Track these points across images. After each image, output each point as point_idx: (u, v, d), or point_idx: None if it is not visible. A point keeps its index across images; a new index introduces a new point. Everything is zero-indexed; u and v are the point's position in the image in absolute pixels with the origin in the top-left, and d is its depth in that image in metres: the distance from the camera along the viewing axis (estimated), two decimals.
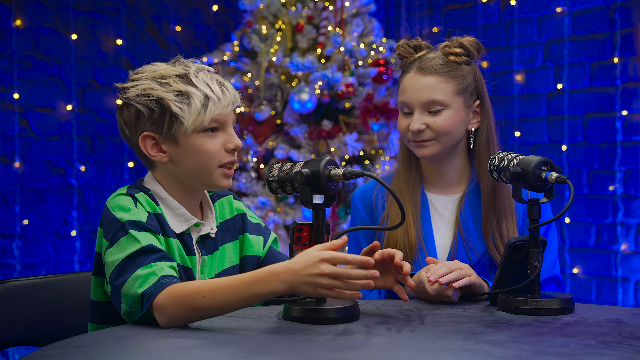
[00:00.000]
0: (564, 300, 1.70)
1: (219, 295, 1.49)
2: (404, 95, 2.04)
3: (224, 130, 1.73)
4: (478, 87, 2.06)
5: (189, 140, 1.69)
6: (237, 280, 1.50)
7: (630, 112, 4.22)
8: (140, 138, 1.70)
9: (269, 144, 4.04)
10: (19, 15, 4.21)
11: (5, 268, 4.17)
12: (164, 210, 1.72)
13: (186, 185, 1.75)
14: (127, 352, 1.35)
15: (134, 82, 1.72)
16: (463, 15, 4.87)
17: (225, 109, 1.71)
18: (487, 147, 2.06)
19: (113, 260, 1.60)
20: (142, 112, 1.69)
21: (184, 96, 1.68)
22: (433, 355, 1.31)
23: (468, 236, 2.02)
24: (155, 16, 4.77)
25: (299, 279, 1.46)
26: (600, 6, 4.33)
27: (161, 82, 1.70)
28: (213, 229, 1.79)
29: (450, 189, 2.10)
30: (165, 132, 1.69)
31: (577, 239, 4.41)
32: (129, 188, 1.72)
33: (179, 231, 1.72)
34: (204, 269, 1.76)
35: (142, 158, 1.76)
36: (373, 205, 2.12)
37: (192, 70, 1.72)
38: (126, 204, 1.66)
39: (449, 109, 2.01)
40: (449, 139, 2.02)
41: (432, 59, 2.03)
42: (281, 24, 4.14)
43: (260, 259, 1.87)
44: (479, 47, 2.06)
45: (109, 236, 1.63)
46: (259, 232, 1.88)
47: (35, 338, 1.92)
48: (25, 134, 4.23)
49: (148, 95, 1.69)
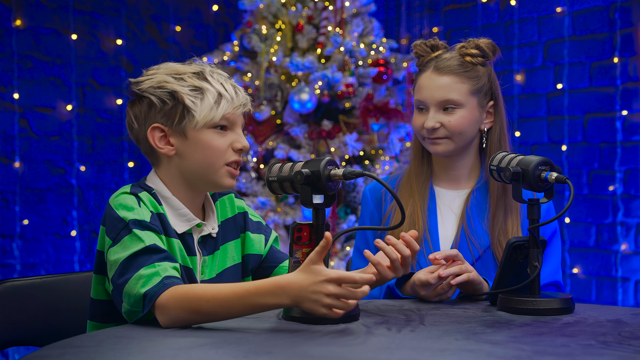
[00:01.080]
0: (564, 300, 1.70)
1: (222, 301, 1.49)
2: (420, 93, 2.08)
3: (233, 130, 1.74)
4: (492, 88, 2.12)
5: (198, 134, 1.70)
6: (242, 288, 1.50)
7: (630, 112, 4.22)
8: (149, 129, 1.71)
9: (269, 144, 4.04)
10: (19, 15, 4.22)
11: (5, 268, 4.17)
12: (167, 210, 1.72)
13: (190, 183, 1.75)
14: (127, 352, 1.35)
15: (149, 76, 1.74)
16: (463, 15, 4.87)
17: (236, 109, 1.73)
18: (498, 146, 2.11)
19: (116, 258, 1.60)
20: (154, 103, 1.71)
21: (198, 91, 1.70)
22: (433, 355, 1.31)
23: (472, 231, 2.05)
24: (155, 16, 4.77)
25: (305, 295, 1.45)
26: (600, 6, 4.33)
27: (176, 77, 1.72)
28: (214, 229, 1.79)
29: (459, 185, 2.14)
30: (175, 124, 1.70)
31: (577, 239, 4.41)
32: (132, 187, 1.72)
33: (181, 231, 1.72)
34: (205, 269, 1.76)
35: (147, 153, 1.77)
36: (382, 200, 2.16)
37: (208, 70, 1.75)
38: (130, 203, 1.66)
39: (463, 108, 2.06)
40: (462, 137, 2.06)
41: (449, 59, 2.07)
42: (281, 24, 4.14)
43: (262, 257, 1.87)
44: (494, 48, 2.12)
45: (112, 235, 1.63)
46: (260, 231, 1.89)
47: (35, 338, 1.92)
48: (25, 134, 4.23)
49: (162, 88, 1.71)
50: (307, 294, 1.45)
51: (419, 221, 2.07)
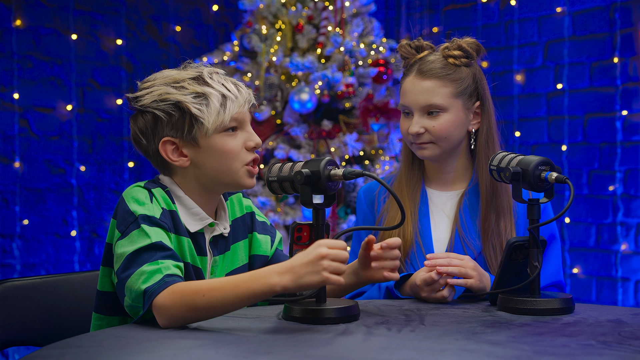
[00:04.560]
0: (564, 300, 1.70)
1: (218, 293, 1.49)
2: (404, 98, 2.06)
3: (243, 129, 1.73)
4: (478, 89, 2.08)
5: (210, 141, 1.69)
6: (236, 277, 1.51)
7: (630, 112, 4.22)
8: (161, 144, 1.69)
9: (269, 144, 4.04)
10: (19, 15, 4.21)
11: (5, 268, 4.17)
12: (179, 209, 1.71)
13: (207, 188, 1.74)
14: (127, 352, 1.35)
15: (148, 90, 1.70)
16: (463, 15, 4.87)
17: (242, 107, 1.71)
18: (486, 147, 2.07)
19: (122, 252, 1.60)
20: (159, 117, 1.68)
21: (202, 97, 1.67)
22: (433, 355, 1.31)
23: (466, 233, 2.04)
24: (155, 16, 4.77)
25: (299, 269, 1.46)
26: (600, 6, 4.33)
27: (176, 86, 1.69)
28: (226, 228, 1.79)
29: (451, 186, 2.12)
30: (185, 135, 1.68)
31: (577, 239, 4.41)
32: (148, 182, 1.71)
33: (193, 230, 1.71)
34: (215, 269, 1.76)
35: (159, 166, 1.75)
36: (375, 201, 2.15)
37: (206, 72, 1.72)
38: (142, 197, 1.65)
39: (448, 112, 2.03)
40: (448, 141, 2.04)
41: (432, 62, 2.04)
42: (281, 24, 4.14)
43: (268, 258, 1.87)
44: (478, 48, 2.07)
45: (121, 227, 1.63)
46: (266, 232, 1.88)
47: (35, 338, 1.92)
48: (25, 134, 4.23)
49: (165, 100, 1.68)
50: (301, 266, 1.46)
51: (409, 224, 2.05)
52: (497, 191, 2.04)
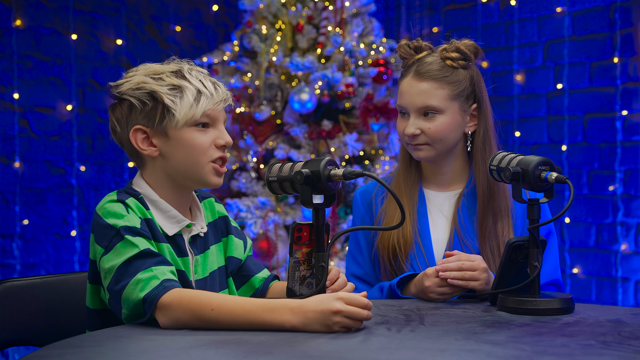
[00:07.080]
0: (564, 300, 1.70)
1: (227, 312, 1.49)
2: (401, 99, 2.07)
3: (215, 127, 1.73)
4: (475, 91, 2.07)
5: (180, 133, 1.69)
6: (248, 302, 1.50)
7: (630, 112, 4.22)
8: (131, 132, 1.71)
9: (269, 144, 4.04)
10: (19, 15, 4.21)
11: (5, 268, 4.17)
12: (155, 214, 1.70)
13: (176, 183, 1.73)
14: (127, 352, 1.35)
15: (128, 78, 1.73)
16: (463, 15, 4.87)
17: (217, 105, 1.72)
18: (483, 149, 2.07)
19: (111, 266, 1.59)
20: (134, 105, 1.70)
21: (177, 90, 1.69)
22: (433, 355, 1.31)
23: (464, 233, 2.04)
24: (155, 16, 4.77)
25: (311, 315, 1.45)
26: (600, 6, 4.33)
27: (155, 77, 1.71)
28: (204, 227, 1.79)
29: (448, 187, 2.12)
30: (156, 125, 1.69)
31: (577, 239, 4.41)
32: (119, 193, 1.70)
33: (171, 233, 1.71)
34: (197, 268, 1.76)
35: (132, 156, 1.76)
36: (372, 203, 2.14)
37: (186, 68, 1.74)
38: (118, 210, 1.64)
39: (444, 114, 2.03)
40: (443, 143, 2.04)
41: (430, 63, 2.04)
42: (281, 24, 4.14)
43: (241, 262, 1.88)
44: (476, 50, 2.07)
45: (103, 243, 1.62)
46: (240, 236, 1.90)
47: (35, 338, 1.92)
48: (25, 134, 4.23)
49: (141, 89, 1.70)
50: (315, 314, 1.45)
51: (407, 225, 2.05)
52: (494, 194, 2.04)
